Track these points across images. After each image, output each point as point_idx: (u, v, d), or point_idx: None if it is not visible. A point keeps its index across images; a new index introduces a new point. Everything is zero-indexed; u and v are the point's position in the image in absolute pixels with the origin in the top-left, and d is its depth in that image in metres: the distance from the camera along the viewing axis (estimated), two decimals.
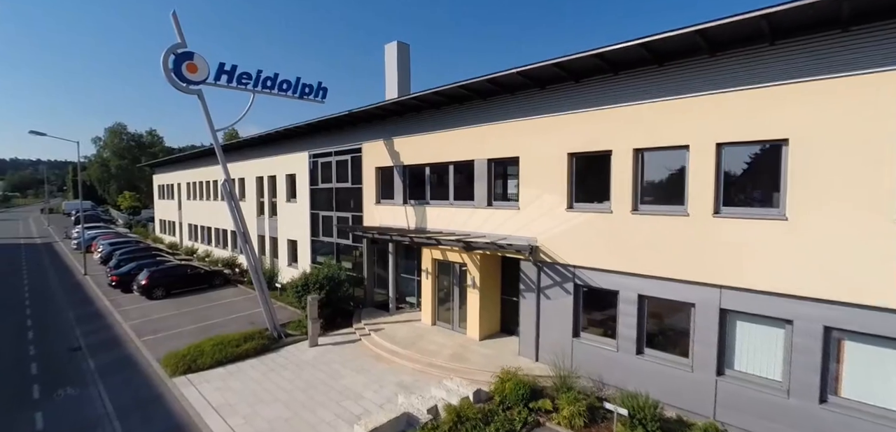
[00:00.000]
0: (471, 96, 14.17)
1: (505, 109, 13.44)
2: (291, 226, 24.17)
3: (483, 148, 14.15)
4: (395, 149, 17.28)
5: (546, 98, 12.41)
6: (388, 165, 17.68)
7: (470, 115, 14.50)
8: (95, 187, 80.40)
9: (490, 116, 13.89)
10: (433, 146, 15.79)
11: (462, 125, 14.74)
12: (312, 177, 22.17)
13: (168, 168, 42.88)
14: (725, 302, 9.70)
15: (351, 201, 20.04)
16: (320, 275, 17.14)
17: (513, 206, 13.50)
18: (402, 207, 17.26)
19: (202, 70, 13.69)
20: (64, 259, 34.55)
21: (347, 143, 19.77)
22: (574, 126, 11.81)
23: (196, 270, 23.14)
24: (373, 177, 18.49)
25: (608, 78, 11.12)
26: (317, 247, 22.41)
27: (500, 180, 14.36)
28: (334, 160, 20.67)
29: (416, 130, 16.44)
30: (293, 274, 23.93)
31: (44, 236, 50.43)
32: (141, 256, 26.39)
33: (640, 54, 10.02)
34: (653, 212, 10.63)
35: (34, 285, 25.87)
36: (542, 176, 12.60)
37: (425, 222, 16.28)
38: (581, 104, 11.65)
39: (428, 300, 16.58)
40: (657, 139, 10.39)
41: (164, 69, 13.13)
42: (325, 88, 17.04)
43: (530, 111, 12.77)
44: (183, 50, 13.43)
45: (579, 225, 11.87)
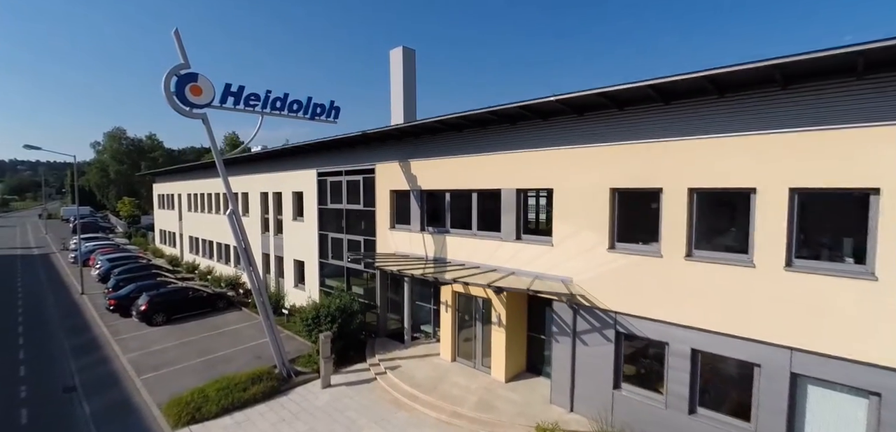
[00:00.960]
0: (498, 120, 13.11)
1: (537, 137, 12.37)
2: (298, 246, 23.09)
3: (511, 176, 13.08)
4: (412, 173, 16.21)
5: (585, 127, 11.34)
6: (404, 189, 16.61)
7: (496, 141, 13.43)
8: (94, 193, 79.26)
9: (520, 143, 12.82)
10: (455, 171, 14.72)
11: (487, 150, 13.67)
12: (321, 197, 21.09)
13: (168, 177, 41.79)
14: (797, 365, 8.63)
15: (362, 223, 18.98)
16: (332, 307, 16.05)
17: (545, 241, 12.43)
18: (419, 234, 16.19)
19: (207, 92, 12.61)
20: (61, 273, 33.45)
21: (359, 163, 18.70)
22: (618, 159, 10.74)
23: (198, 293, 22.05)
24: (387, 201, 17.42)
25: (658, 108, 10.05)
26: (325, 270, 21.33)
27: (531, 212, 13.30)
28: (344, 180, 19.59)
29: (435, 153, 15.37)
30: (300, 296, 22.90)
31: (41, 245, 49.31)
32: (140, 276, 25.30)
33: (700, 86, 8.96)
34: (711, 259, 9.55)
35: (29, 306, 24.77)
36: (579, 211, 11.53)
37: (445, 252, 15.21)
38: (627, 136, 10.58)
39: (448, 334, 15.51)
40: (717, 179, 9.32)
41: (166, 92, 12.06)
42: (338, 108, 15.99)
43: (567, 140, 11.70)
44: (186, 71, 12.35)
45: (623, 267, 10.80)
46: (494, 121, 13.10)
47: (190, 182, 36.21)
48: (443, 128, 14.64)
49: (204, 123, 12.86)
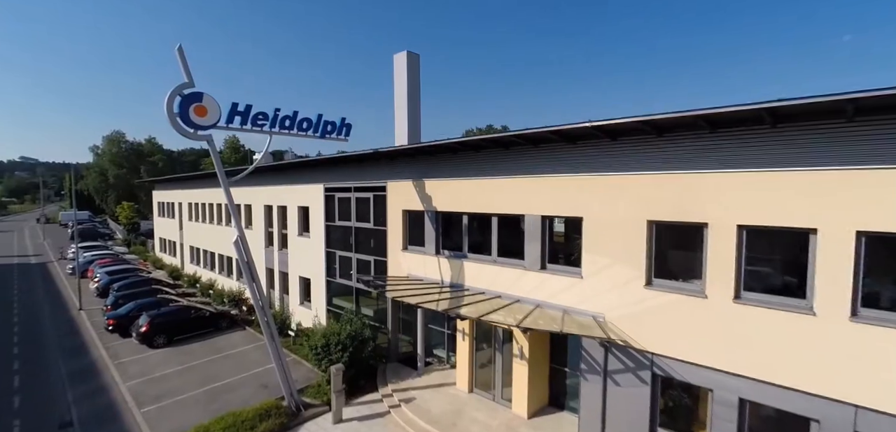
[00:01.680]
0: (521, 143, 12.35)
1: (565, 161, 11.59)
2: (304, 263, 22.30)
3: (536, 202, 12.31)
4: (427, 193, 15.44)
5: (620, 152, 10.57)
6: (418, 209, 15.83)
7: (519, 163, 12.66)
8: (93, 197, 78.34)
9: (545, 167, 12.05)
10: (473, 193, 13.94)
11: (509, 173, 12.89)
12: (328, 213, 20.31)
13: (168, 185, 40.98)
14: (863, 425, 7.87)
15: (372, 241, 18.20)
16: (343, 335, 15.28)
17: (574, 273, 11.66)
18: (434, 258, 15.41)
19: (212, 112, 11.83)
20: (58, 285, 32.61)
21: (369, 179, 17.93)
22: (656, 189, 9.97)
23: (200, 312, 21.26)
24: (399, 220, 16.64)
25: (704, 136, 9.28)
26: (333, 288, 20.55)
27: (558, 240, 12.52)
28: (354, 196, 18.82)
29: (452, 173, 14.59)
30: (306, 314, 22.13)
31: (39, 253, 48.46)
32: (140, 292, 24.49)
33: (755, 116, 8.20)
34: (762, 303, 8.79)
35: (26, 322, 23.97)
36: (612, 243, 10.77)
37: (463, 278, 14.43)
38: (667, 164, 9.81)
39: (465, 363, 14.75)
40: (771, 217, 8.55)
41: (169, 113, 11.28)
42: (349, 125, 15.23)
43: (598, 166, 10.93)
44: (190, 90, 11.57)
45: (662, 306, 10.04)
46: (518, 143, 12.35)
47: (191, 191, 35.39)
48: (461, 149, 13.89)
49: (209, 146, 12.08)
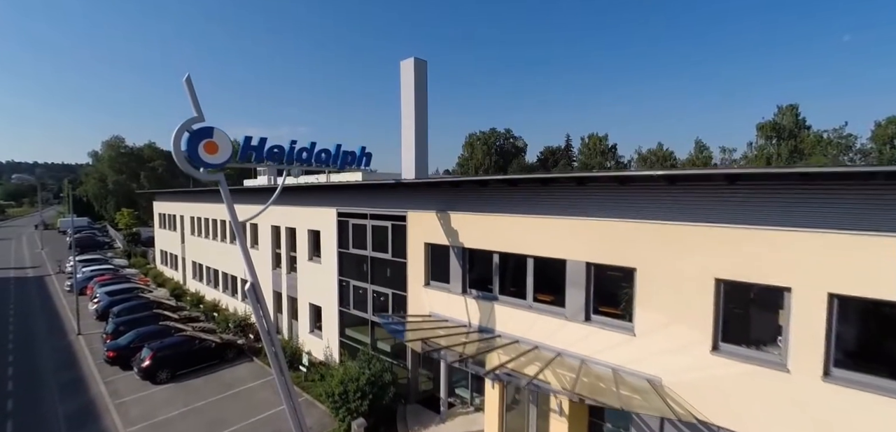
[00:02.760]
0: (564, 182, 11.25)
1: (615, 204, 10.48)
2: (314, 290, 21.16)
3: (581, 246, 11.18)
4: (453, 226, 14.31)
5: (682, 200, 9.45)
6: (443, 243, 14.71)
7: (560, 202, 11.54)
8: (92, 203, 77.14)
9: (591, 208, 10.93)
10: (506, 230, 12.82)
11: (548, 212, 11.77)
12: (341, 239, 19.17)
13: (170, 196, 39.82)
14: None
15: (389, 271, 17.08)
16: (362, 381, 14.17)
17: (624, 328, 10.55)
18: (460, 297, 14.28)
19: (224, 148, 10.71)
20: (56, 304, 31.41)
21: (387, 207, 16.81)
22: (727, 244, 8.85)
23: (205, 344, 20.11)
24: (421, 254, 15.52)
25: (789, 189, 8.16)
26: (346, 319, 19.40)
27: (605, 288, 11.38)
28: (369, 224, 17.68)
29: (481, 207, 13.47)
30: (316, 343, 21.00)
31: (36, 265, 47.24)
32: (141, 317, 23.33)
33: (860, 175, 7.09)
34: (862, 385, 7.67)
35: (21, 349, 22.82)
36: (671, 300, 9.65)
37: (493, 322, 13.30)
38: (741, 217, 8.68)
39: (494, 411, 13.58)
40: (873, 288, 7.43)
41: (175, 151, 10.14)
42: (369, 154, 14.13)
43: (656, 213, 9.81)
44: (200, 125, 10.44)
45: (731, 376, 8.92)
46: (560, 182, 11.24)
47: (193, 204, 34.24)
48: (493, 182, 12.79)
49: (220, 187, 10.94)
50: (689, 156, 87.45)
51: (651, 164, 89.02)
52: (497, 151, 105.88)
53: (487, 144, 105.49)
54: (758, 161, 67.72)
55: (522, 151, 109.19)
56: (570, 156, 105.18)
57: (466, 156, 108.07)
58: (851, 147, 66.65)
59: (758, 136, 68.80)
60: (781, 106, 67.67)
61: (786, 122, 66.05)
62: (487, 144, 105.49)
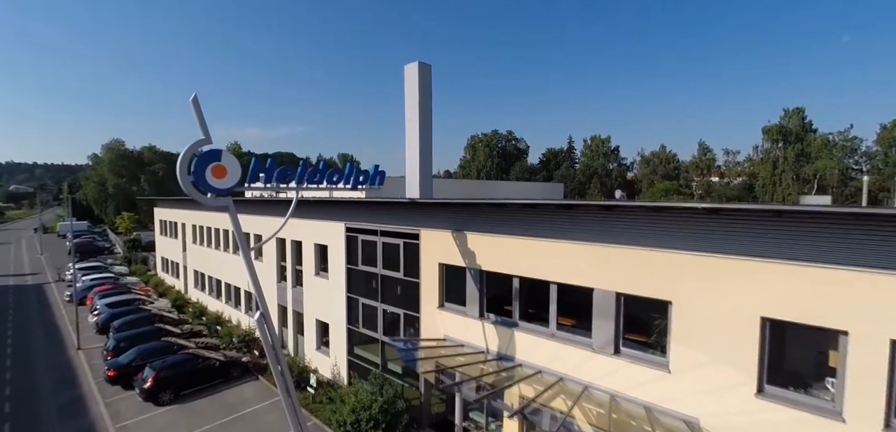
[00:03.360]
0: (591, 209, 10.64)
1: (650, 232, 9.86)
2: (321, 306, 20.56)
3: (609, 274, 10.57)
4: (469, 248, 13.70)
5: (724, 231, 8.84)
6: (458, 265, 14.09)
7: (588, 228, 10.92)
8: (92, 207, 76.49)
9: (623, 236, 10.31)
10: (527, 254, 12.21)
11: (574, 237, 11.16)
12: (350, 255, 18.57)
13: (171, 203, 39.18)
14: None
15: (400, 291, 16.47)
16: (374, 408, 13.57)
17: (658, 364, 9.94)
18: (477, 321, 13.66)
19: (232, 172, 10.10)
20: (56, 315, 30.76)
21: (399, 223, 16.19)
22: (775, 280, 8.24)
23: (209, 362, 19.49)
24: (435, 274, 14.91)
25: (846, 223, 7.56)
26: (354, 337, 18.79)
27: (637, 320, 10.78)
28: (380, 241, 17.07)
29: (500, 229, 12.85)
30: (323, 360, 20.40)
31: (36, 272, 46.60)
32: (143, 332, 22.71)
33: None
34: None
35: (19, 364, 22.20)
36: (711, 337, 9.04)
37: (513, 350, 12.69)
38: (790, 252, 8.07)
39: None
40: None
41: (181, 177, 9.54)
42: (382, 173, 13.51)
43: (696, 244, 9.19)
44: (208, 148, 9.83)
45: (779, 422, 8.31)
46: (586, 208, 10.63)
47: (195, 212, 33.60)
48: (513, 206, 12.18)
49: (229, 213, 10.33)
50: (692, 158, 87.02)
51: (654, 167, 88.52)
52: (499, 153, 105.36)
53: (489, 146, 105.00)
54: (763, 164, 67.16)
55: (524, 153, 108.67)
56: (573, 157, 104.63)
57: (468, 158, 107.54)
58: (857, 149, 66.16)
59: (763, 139, 68.22)
60: (788, 109, 67.12)
61: (792, 125, 65.46)
62: (489, 146, 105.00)
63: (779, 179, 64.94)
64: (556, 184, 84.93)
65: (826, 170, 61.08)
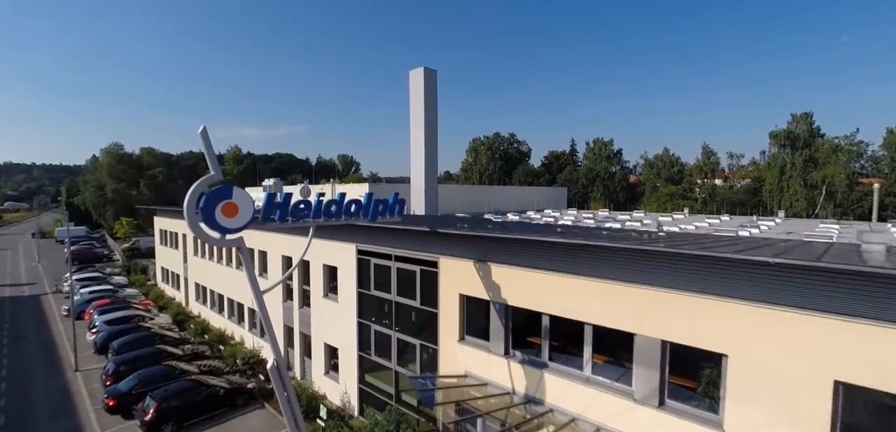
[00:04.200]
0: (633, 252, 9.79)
1: (700, 277, 9.02)
2: (330, 329, 19.69)
3: (654, 321, 9.73)
4: (494, 280, 12.84)
5: (788, 281, 7.99)
6: (481, 297, 13.24)
7: (629, 268, 10.08)
8: (91, 213, 75.39)
9: (670, 279, 9.47)
10: (559, 292, 11.36)
11: (614, 277, 10.31)
12: (361, 279, 17.71)
13: (172, 214, 38.27)
14: None
15: (416, 319, 15.63)
16: None
17: (709, 422, 9.10)
18: (502, 359, 12.81)
19: (244, 210, 9.23)
20: (52, 331, 29.79)
21: (415, 249, 15.33)
22: (850, 340, 7.41)
23: (213, 390, 18.61)
24: (455, 306, 14.05)
25: None
26: (365, 364, 17.93)
27: (684, 369, 9.94)
28: (394, 266, 16.22)
29: (528, 262, 12.01)
30: (332, 386, 19.53)
31: (33, 280, 45.63)
32: (143, 355, 21.80)
33: None
34: None
35: (12, 389, 21.27)
36: (773, 397, 8.21)
37: (543, 393, 11.84)
38: (873, 311, 7.24)
39: None
40: None
41: (189, 216, 8.67)
42: (402, 201, 12.64)
43: (754, 292, 8.36)
44: (218, 184, 8.97)
45: None
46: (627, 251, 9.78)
47: None
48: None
49: (241, 254, 9.46)
50: (696, 161, 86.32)
51: (658, 170, 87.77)
52: (501, 156, 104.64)
53: (491, 149, 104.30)
54: (771, 169, 66.42)
55: (527, 156, 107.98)
56: (575, 160, 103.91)
57: (470, 162, 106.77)
58: (862, 154, 65.49)
59: (771, 144, 67.45)
60: (795, 114, 66.39)
61: (800, 131, 64.72)
62: (491, 149, 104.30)
63: (786, 185, 64.21)
64: (560, 189, 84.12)
65: (834, 175, 60.36)
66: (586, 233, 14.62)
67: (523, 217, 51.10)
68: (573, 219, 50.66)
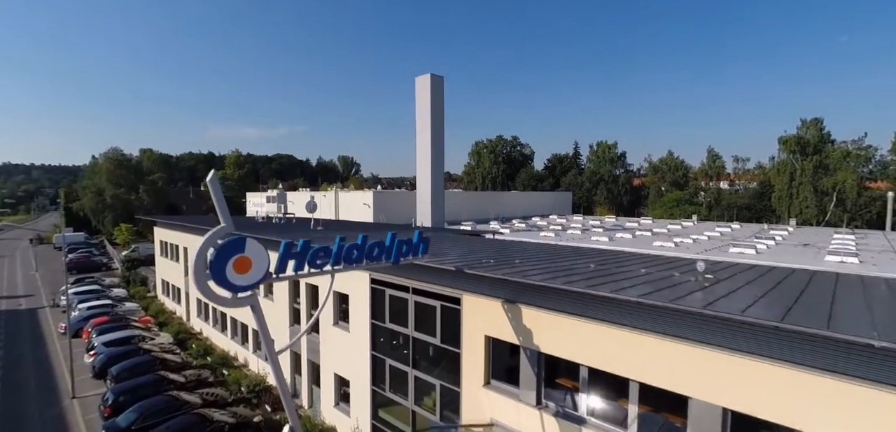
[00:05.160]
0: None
1: (771, 342, 8.02)
2: (340, 360, 18.71)
3: (712, 385, 8.74)
4: (525, 324, 11.84)
5: (882, 354, 7.00)
6: (510, 341, 12.25)
7: (680, 324, 9.08)
8: (89, 219, 74.27)
9: (729, 339, 8.47)
10: (600, 342, 10.37)
11: (665, 332, 9.31)
12: (375, 309, 16.71)
13: (172, 225, 37.25)
14: None
15: (436, 357, 14.65)
16: None
17: None
18: (534, 410, 11.81)
19: (259, 264, 8.23)
20: (49, 352, 28.68)
21: (435, 283, 14.32)
22: None
23: (217, 425, 17.61)
24: (480, 348, 13.05)
25: None
26: (379, 399, 16.94)
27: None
28: (412, 299, 15.21)
29: (564, 307, 11.01)
30: (342, 420, 18.55)
31: (30, 291, 44.60)
32: (144, 383, 20.79)
33: None
34: None
35: (5, 416, 20.27)
36: None
37: None
38: None
39: None
40: None
41: (197, 277, 7.67)
42: (427, 240, 11.63)
43: (843, 363, 7.35)
44: (229, 237, 7.96)
45: None
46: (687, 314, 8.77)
47: (199, 238, 31.65)
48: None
49: (254, 313, 8.44)
50: (701, 165, 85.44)
51: (662, 174, 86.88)
52: (504, 159, 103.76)
53: (494, 152, 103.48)
54: (780, 175, 65.48)
55: (529, 159, 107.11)
56: (578, 163, 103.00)
57: (473, 165, 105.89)
58: (871, 159, 64.63)
59: (780, 150, 66.53)
60: (805, 119, 65.47)
61: (810, 136, 63.75)
62: (494, 152, 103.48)
63: (796, 192, 63.27)
64: (565, 193, 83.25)
65: (845, 182, 59.43)
66: (622, 264, 13.59)
67: (529, 224, 50.30)
68: (581, 226, 49.73)
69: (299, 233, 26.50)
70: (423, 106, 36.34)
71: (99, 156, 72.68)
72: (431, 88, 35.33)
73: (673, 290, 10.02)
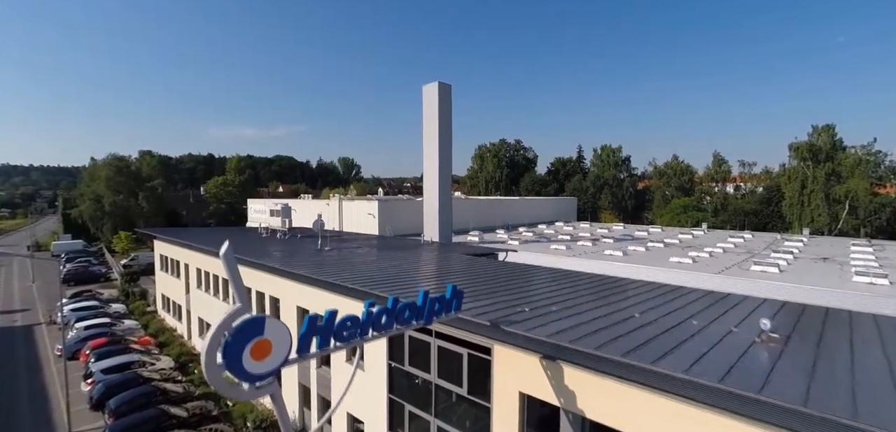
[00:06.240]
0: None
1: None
2: (354, 399, 17.52)
3: None
4: (566, 384, 10.70)
5: None
6: (549, 402, 11.11)
7: (761, 407, 7.93)
8: (88, 226, 72.96)
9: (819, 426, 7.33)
10: (652, 413, 9.23)
11: (742, 412, 8.17)
12: (392, 351, 15.59)
13: (173, 241, 36.06)
14: None
15: (457, 403, 13.53)
16: None
17: None
18: None
19: (280, 346, 7.07)
20: (45, 378, 27.40)
21: (462, 329, 13.16)
22: None
23: None
24: (514, 403, 11.91)
25: None
26: None
27: None
28: (435, 343, 14.06)
29: (613, 370, 9.86)
30: None
31: (26, 305, 43.39)
32: (146, 419, 19.65)
33: None
34: None
35: None
36: None
37: None
38: None
39: None
40: None
41: (209, 371, 6.51)
42: (461, 293, 10.48)
43: None
44: (244, 319, 6.79)
45: None
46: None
47: (200, 256, 30.50)
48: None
49: (274, 404, 7.29)
50: (706, 169, 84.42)
51: (668, 179, 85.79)
52: (508, 163, 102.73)
53: (497, 156, 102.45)
54: (792, 182, 64.39)
55: (533, 163, 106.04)
56: (582, 167, 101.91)
57: (476, 169, 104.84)
58: (881, 164, 63.61)
59: (791, 156, 65.44)
60: (816, 125, 64.36)
61: (821, 143, 62.65)
62: (497, 156, 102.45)
63: (807, 199, 62.19)
64: (570, 199, 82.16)
65: (858, 189, 58.38)
66: (669, 305, 12.40)
67: (537, 234, 49.08)
68: (590, 236, 48.39)
69: (306, 252, 25.33)
70: (430, 115, 35.18)
71: (98, 160, 71.42)
72: (439, 97, 34.18)
73: (744, 362, 8.89)
